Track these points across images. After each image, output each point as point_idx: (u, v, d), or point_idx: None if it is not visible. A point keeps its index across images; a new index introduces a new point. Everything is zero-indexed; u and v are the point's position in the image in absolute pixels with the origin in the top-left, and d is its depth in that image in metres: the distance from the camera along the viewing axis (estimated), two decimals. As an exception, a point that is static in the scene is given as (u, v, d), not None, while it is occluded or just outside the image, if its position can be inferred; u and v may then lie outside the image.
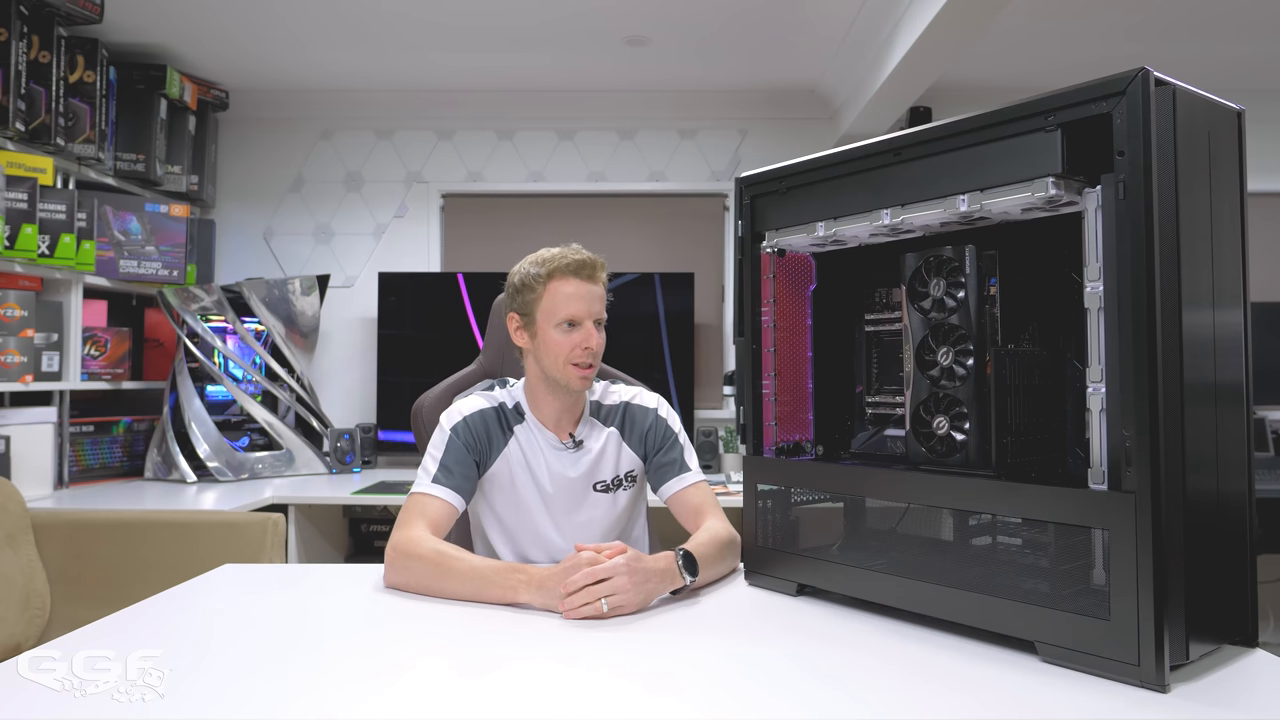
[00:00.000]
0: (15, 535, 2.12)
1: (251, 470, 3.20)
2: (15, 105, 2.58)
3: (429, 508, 1.45)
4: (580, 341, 1.50)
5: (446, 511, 1.46)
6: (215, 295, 3.28)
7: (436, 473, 1.48)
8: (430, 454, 1.52)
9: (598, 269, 1.54)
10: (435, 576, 1.32)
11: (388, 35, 3.07)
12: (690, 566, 1.31)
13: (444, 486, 1.47)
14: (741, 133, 3.73)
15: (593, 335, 1.50)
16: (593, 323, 1.51)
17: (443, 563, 1.33)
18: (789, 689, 0.96)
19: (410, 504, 1.46)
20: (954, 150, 1.11)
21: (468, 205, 3.75)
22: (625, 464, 1.61)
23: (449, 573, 1.31)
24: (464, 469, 1.50)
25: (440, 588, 1.32)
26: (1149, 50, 3.18)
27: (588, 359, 1.50)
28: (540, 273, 1.52)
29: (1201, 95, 1.01)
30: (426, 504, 1.45)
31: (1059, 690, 0.93)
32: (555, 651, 1.08)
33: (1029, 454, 1.13)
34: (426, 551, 1.35)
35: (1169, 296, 0.94)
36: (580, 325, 1.50)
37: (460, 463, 1.50)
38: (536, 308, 1.52)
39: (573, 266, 1.51)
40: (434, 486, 1.47)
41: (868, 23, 2.87)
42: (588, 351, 1.50)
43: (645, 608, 1.24)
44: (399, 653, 1.08)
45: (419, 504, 1.45)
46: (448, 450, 1.51)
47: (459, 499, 1.48)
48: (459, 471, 1.49)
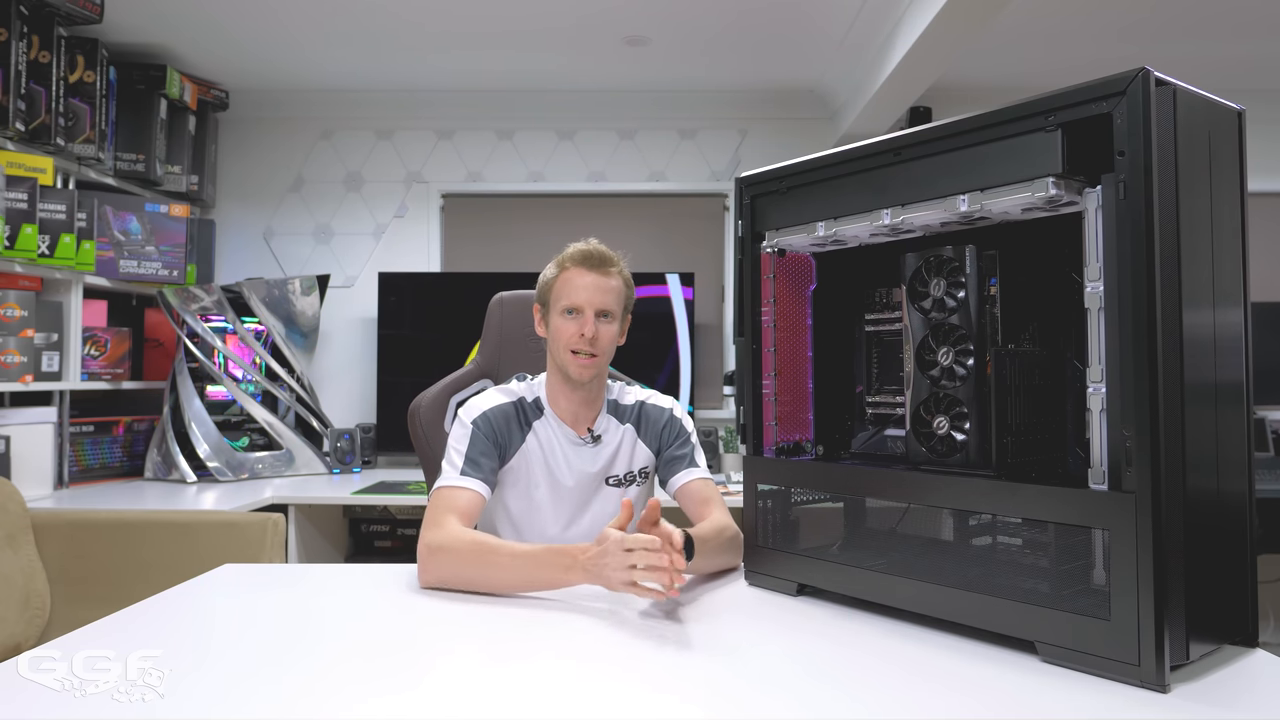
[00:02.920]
0: (15, 535, 2.12)
1: (251, 470, 3.20)
2: (15, 105, 2.58)
3: (458, 500, 1.44)
4: (578, 329, 1.51)
5: (476, 502, 1.45)
6: (215, 295, 3.28)
7: (464, 465, 1.48)
8: (454, 448, 1.51)
9: (607, 262, 1.55)
10: (479, 568, 1.31)
11: (387, 35, 3.07)
12: (688, 548, 1.31)
13: (472, 478, 1.47)
14: (741, 133, 3.73)
15: (589, 324, 1.51)
16: (595, 313, 1.52)
17: (484, 553, 1.32)
18: (789, 689, 0.96)
19: (437, 500, 1.44)
20: (954, 150, 1.11)
21: (468, 205, 3.75)
22: (639, 460, 1.63)
23: (492, 564, 1.31)
24: (490, 461, 1.51)
25: (485, 579, 1.31)
26: (1149, 50, 3.18)
27: (584, 346, 1.52)
28: (556, 264, 1.58)
29: (1202, 95, 1.01)
30: (455, 497, 1.44)
31: (1059, 690, 0.93)
32: (556, 651, 1.08)
33: (1029, 454, 1.13)
34: (464, 545, 1.33)
35: (1169, 296, 0.94)
36: (580, 313, 1.52)
37: (485, 454, 1.50)
38: (550, 296, 1.57)
39: (579, 257, 1.55)
40: (462, 479, 1.46)
41: (868, 23, 2.87)
42: (583, 339, 1.51)
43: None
44: (399, 653, 1.08)
45: (447, 498, 1.44)
46: (472, 443, 1.51)
47: (486, 489, 1.48)
48: (485, 464, 1.50)
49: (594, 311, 1.52)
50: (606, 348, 1.55)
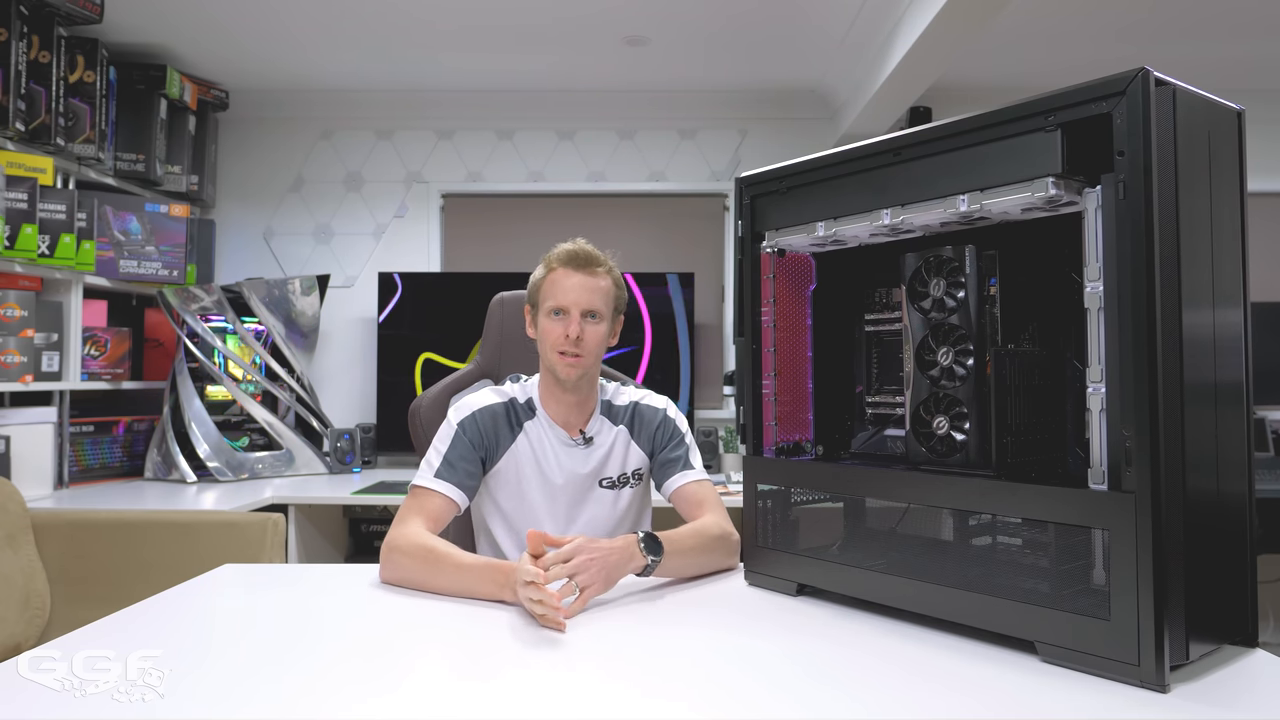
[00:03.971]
0: (15, 535, 2.12)
1: (251, 470, 3.20)
2: (15, 105, 2.58)
3: (428, 503, 1.45)
4: (563, 330, 1.51)
5: (446, 507, 1.46)
6: (215, 295, 3.28)
7: (440, 467, 1.48)
8: (435, 447, 1.52)
9: (594, 262, 1.55)
10: (424, 573, 1.33)
11: (388, 35, 3.07)
12: (652, 547, 1.31)
13: (445, 481, 1.47)
14: (741, 133, 3.73)
15: (574, 324, 1.51)
16: (581, 314, 1.52)
17: (431, 559, 1.33)
18: (788, 689, 0.95)
19: (409, 499, 1.46)
20: (954, 150, 1.11)
21: (468, 205, 3.75)
22: (633, 462, 1.62)
23: (437, 570, 1.32)
24: (467, 465, 1.50)
25: (431, 583, 1.32)
26: (1148, 50, 3.18)
27: (570, 347, 1.51)
28: (544, 265, 1.58)
29: (1201, 95, 1.01)
30: (426, 499, 1.45)
31: (1059, 690, 0.93)
32: (555, 651, 1.08)
33: (1029, 454, 1.13)
34: (416, 548, 1.35)
35: (1169, 296, 0.94)
36: (566, 314, 1.52)
37: (464, 459, 1.50)
38: (538, 296, 1.57)
39: (565, 257, 1.55)
40: (435, 481, 1.47)
41: (868, 23, 2.87)
42: (568, 340, 1.51)
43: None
44: (399, 653, 1.08)
45: (418, 499, 1.46)
46: (453, 445, 1.51)
47: (460, 495, 1.48)
48: (462, 468, 1.49)
49: (580, 312, 1.52)
50: (594, 348, 1.54)
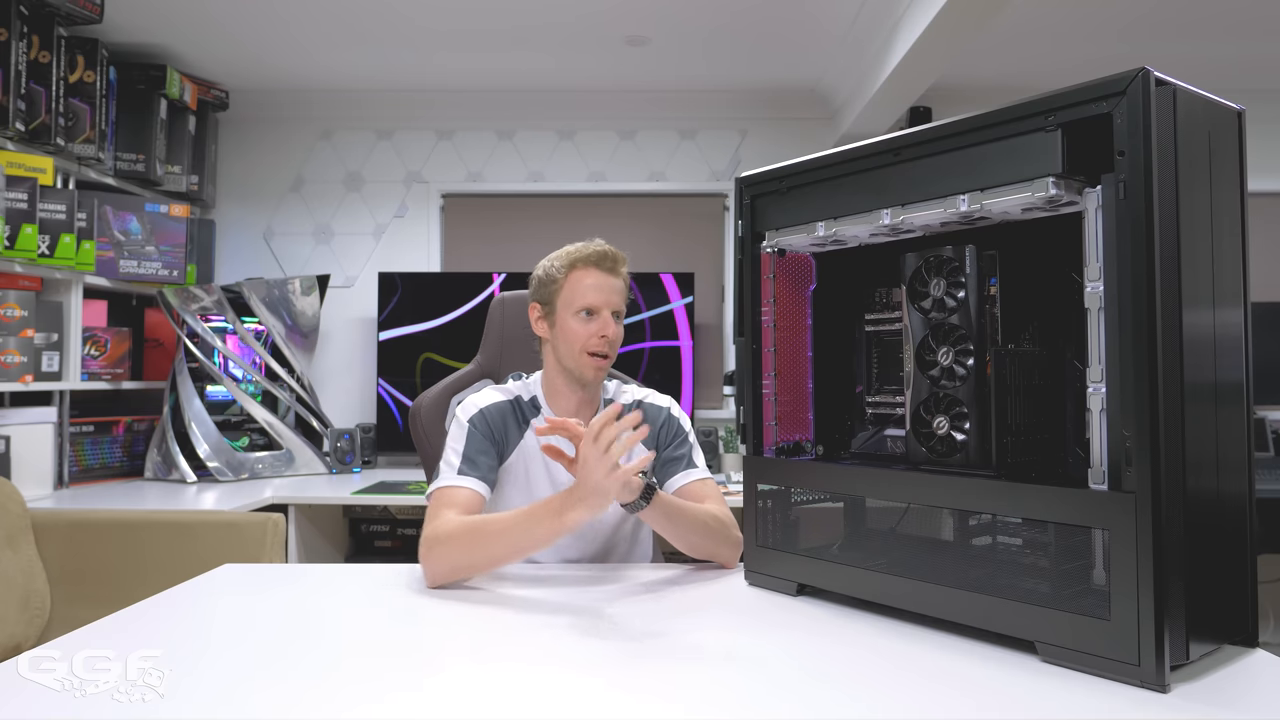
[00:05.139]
0: (15, 535, 2.12)
1: (251, 470, 3.20)
2: (15, 105, 2.58)
3: (456, 497, 1.43)
4: (597, 330, 1.52)
5: (474, 500, 1.44)
6: (215, 295, 3.28)
7: (461, 465, 1.47)
8: (451, 448, 1.51)
9: (618, 262, 1.56)
10: (473, 550, 1.32)
11: (388, 35, 3.07)
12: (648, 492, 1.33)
13: (470, 477, 1.46)
14: (741, 133, 3.73)
15: (609, 325, 1.52)
16: (610, 314, 1.53)
17: (476, 533, 1.32)
18: (788, 689, 0.95)
19: (434, 500, 1.44)
20: (954, 150, 1.11)
21: (468, 205, 3.75)
22: (636, 459, 1.62)
23: (488, 538, 1.31)
24: (488, 459, 1.50)
25: (487, 556, 1.31)
26: (1149, 50, 3.18)
27: (603, 348, 1.52)
28: (563, 264, 1.56)
29: (1201, 95, 1.01)
30: (453, 494, 1.44)
31: (1059, 690, 0.93)
32: (556, 650, 1.08)
33: (1029, 454, 1.13)
34: (457, 530, 1.33)
35: (1169, 296, 0.94)
36: (597, 314, 1.52)
37: (483, 453, 1.50)
38: (557, 297, 1.55)
39: (593, 258, 1.54)
40: (460, 478, 1.46)
41: (868, 23, 2.87)
42: (604, 340, 1.52)
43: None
44: (399, 653, 1.08)
45: (444, 496, 1.43)
46: (469, 442, 1.50)
47: (485, 489, 1.47)
48: (483, 462, 1.49)
49: (610, 312, 1.53)
50: (618, 347, 1.56)
